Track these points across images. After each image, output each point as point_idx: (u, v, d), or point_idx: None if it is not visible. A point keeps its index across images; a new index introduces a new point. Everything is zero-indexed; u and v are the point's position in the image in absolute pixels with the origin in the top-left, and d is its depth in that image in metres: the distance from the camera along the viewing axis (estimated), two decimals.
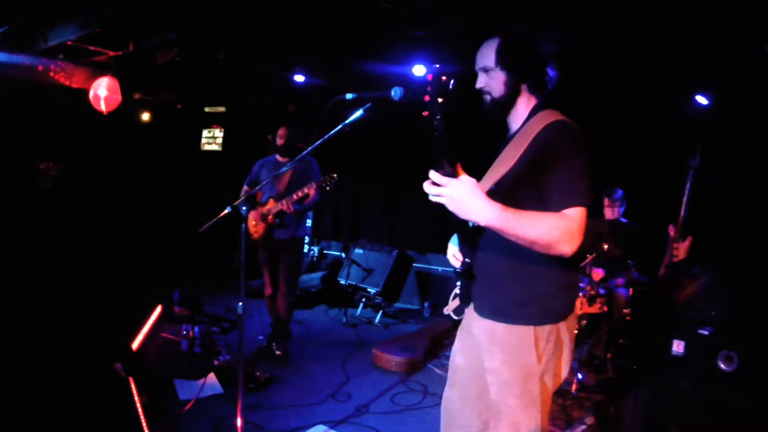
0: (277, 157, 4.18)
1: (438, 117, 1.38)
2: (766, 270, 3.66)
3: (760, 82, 3.74)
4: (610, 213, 4.19)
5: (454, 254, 1.80)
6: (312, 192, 3.88)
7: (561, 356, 1.68)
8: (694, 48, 3.68)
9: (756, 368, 2.64)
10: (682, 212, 3.05)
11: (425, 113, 1.42)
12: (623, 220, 4.22)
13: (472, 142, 2.58)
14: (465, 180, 1.38)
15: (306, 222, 4.21)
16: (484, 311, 1.73)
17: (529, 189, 1.57)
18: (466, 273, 1.72)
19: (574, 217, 1.48)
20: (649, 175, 4.34)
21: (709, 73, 4.01)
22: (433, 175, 1.39)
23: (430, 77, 1.41)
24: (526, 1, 3.49)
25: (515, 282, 1.64)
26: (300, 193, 3.82)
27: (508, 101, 1.71)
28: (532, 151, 1.58)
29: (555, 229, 1.44)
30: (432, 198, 1.42)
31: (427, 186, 1.41)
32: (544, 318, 1.62)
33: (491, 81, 1.70)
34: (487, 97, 1.72)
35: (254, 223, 4.04)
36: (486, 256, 1.71)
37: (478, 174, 1.61)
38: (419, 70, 5.03)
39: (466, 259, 1.71)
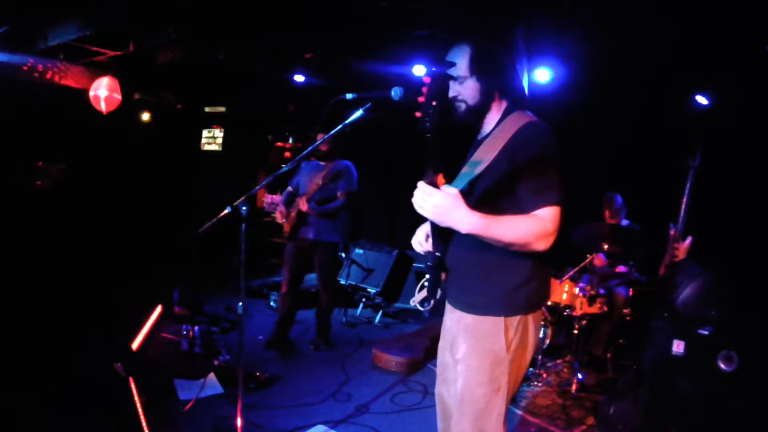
0: (319, 161, 4.24)
1: (431, 120, 1.43)
2: (766, 270, 3.66)
3: (760, 82, 3.74)
4: (611, 220, 4.18)
5: (419, 242, 1.82)
6: (340, 195, 4.08)
7: (526, 347, 1.73)
8: (694, 48, 3.68)
9: (756, 368, 2.64)
10: (682, 212, 3.05)
11: (418, 114, 1.47)
12: (625, 222, 4.21)
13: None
14: (448, 191, 1.48)
15: (335, 227, 4.22)
16: (458, 303, 1.80)
17: (503, 190, 1.63)
18: (438, 266, 1.74)
19: (547, 217, 1.56)
20: (650, 174, 4.34)
21: (709, 73, 4.01)
22: (421, 185, 1.48)
23: (428, 79, 1.46)
24: (525, 2, 3.49)
25: (488, 275, 1.70)
26: (309, 191, 3.94)
27: (483, 108, 1.75)
28: (507, 154, 1.62)
29: (530, 231, 1.54)
30: (417, 209, 1.50)
31: (416, 196, 1.49)
32: (515, 309, 1.69)
33: (464, 90, 1.72)
34: (461, 105, 1.74)
35: (284, 219, 4.19)
36: (459, 249, 1.75)
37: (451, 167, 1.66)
38: (419, 70, 5.04)
39: (437, 253, 1.73)
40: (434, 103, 1.44)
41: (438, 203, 1.47)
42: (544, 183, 1.58)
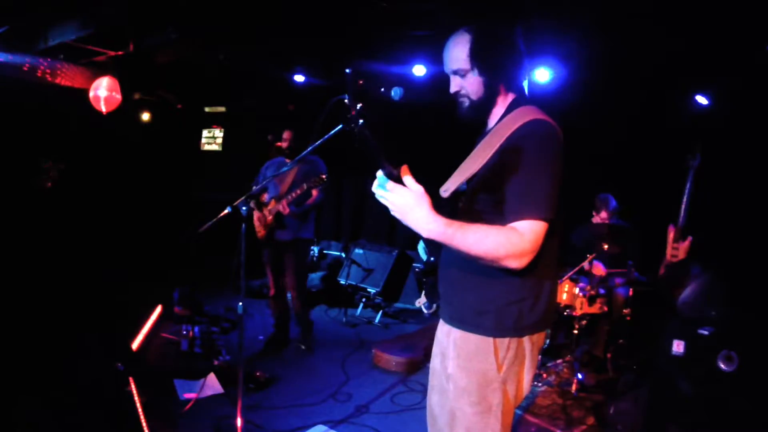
0: (285, 159, 4.19)
1: (360, 122, 1.29)
2: (766, 270, 3.66)
3: (760, 82, 3.74)
4: (606, 222, 4.20)
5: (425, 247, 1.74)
6: (315, 193, 3.96)
7: (523, 365, 1.58)
8: (694, 48, 3.68)
9: (756, 368, 2.64)
10: (682, 212, 3.05)
11: (353, 112, 1.33)
12: (614, 220, 4.23)
13: (448, 137, 2.55)
14: (411, 188, 1.31)
15: (311, 224, 4.18)
16: (445, 315, 1.68)
17: (493, 193, 1.48)
18: (429, 273, 1.68)
19: (524, 232, 1.37)
20: (650, 174, 4.34)
21: (709, 73, 4.01)
22: (380, 178, 1.33)
23: (347, 74, 1.33)
24: (524, 3, 3.49)
25: (475, 290, 1.55)
26: (293, 195, 3.84)
27: (487, 103, 1.61)
28: (501, 153, 1.47)
29: (501, 247, 1.36)
30: (378, 198, 1.36)
31: (374, 187, 1.34)
32: (504, 331, 1.53)
33: (467, 85, 1.59)
34: (464, 101, 1.61)
35: (258, 223, 4.09)
36: (448, 258, 1.63)
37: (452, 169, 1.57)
38: (419, 70, 5.04)
39: (431, 258, 1.65)
40: (359, 106, 1.31)
41: (397, 200, 1.31)
42: (530, 193, 1.40)
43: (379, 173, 1.33)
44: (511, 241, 1.37)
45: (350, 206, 7.19)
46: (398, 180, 1.32)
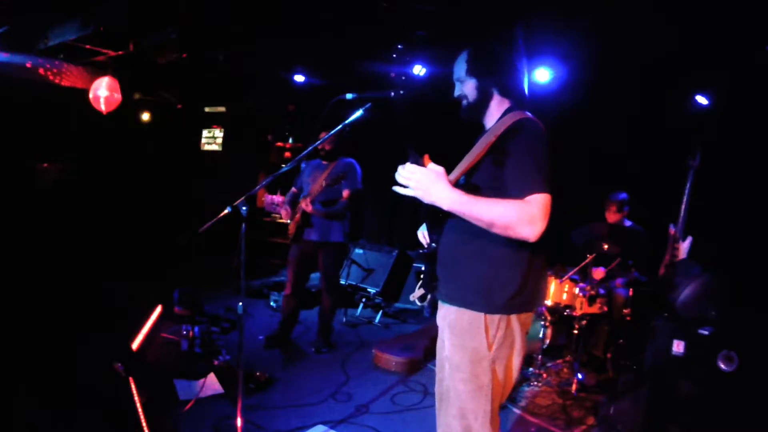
0: (322, 161, 4.21)
1: (399, 107, 1.64)
2: (766, 270, 3.66)
3: (760, 82, 3.74)
4: (613, 217, 4.18)
5: (424, 234, 1.92)
6: (345, 194, 4.04)
7: (513, 347, 1.72)
8: (694, 48, 3.68)
9: (756, 368, 2.64)
10: (682, 212, 3.05)
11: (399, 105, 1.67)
12: (627, 222, 4.21)
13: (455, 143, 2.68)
14: (431, 168, 1.58)
15: (341, 227, 4.16)
16: (442, 294, 1.83)
17: (492, 179, 1.68)
18: (430, 256, 1.82)
19: (533, 202, 1.56)
20: (650, 175, 4.34)
21: (709, 73, 4.01)
22: (402, 166, 1.59)
23: (393, 75, 1.66)
24: (524, 3, 3.49)
25: (470, 268, 1.72)
26: (313, 192, 3.92)
27: (480, 105, 1.86)
28: (496, 146, 1.68)
29: (511, 212, 1.54)
30: (399, 189, 1.61)
31: (398, 174, 1.59)
32: (495, 308, 1.68)
33: (464, 88, 1.88)
34: (464, 103, 1.89)
35: (289, 221, 4.18)
36: (447, 241, 1.80)
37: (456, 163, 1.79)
38: (419, 70, 5.04)
39: (432, 244, 1.82)
40: (401, 92, 1.70)
41: (420, 179, 1.56)
42: (530, 171, 1.60)
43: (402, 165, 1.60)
44: (521, 207, 1.55)
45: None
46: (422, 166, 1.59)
